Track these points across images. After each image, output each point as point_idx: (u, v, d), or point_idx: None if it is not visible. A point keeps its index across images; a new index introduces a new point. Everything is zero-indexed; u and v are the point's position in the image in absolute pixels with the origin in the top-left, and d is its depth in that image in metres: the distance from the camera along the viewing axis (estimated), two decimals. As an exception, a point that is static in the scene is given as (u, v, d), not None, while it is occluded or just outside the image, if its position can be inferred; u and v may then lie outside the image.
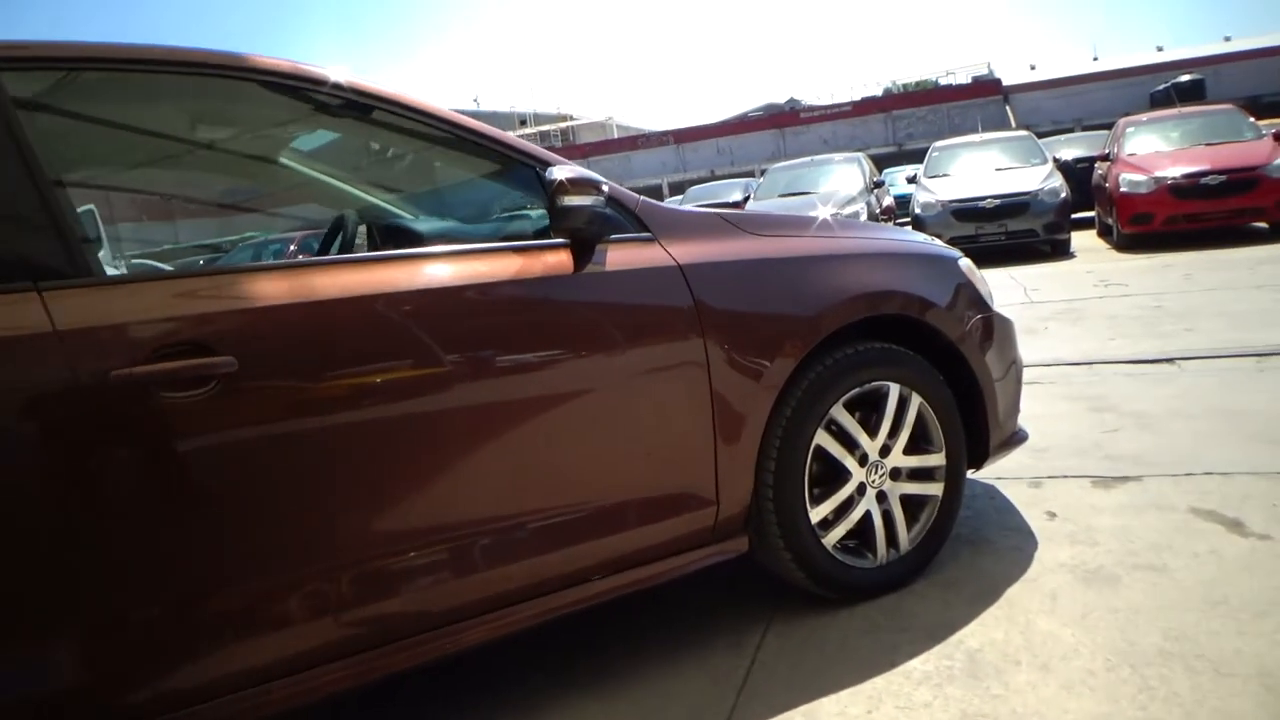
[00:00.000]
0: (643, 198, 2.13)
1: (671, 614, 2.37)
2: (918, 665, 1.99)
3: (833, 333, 2.21)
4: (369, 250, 2.52)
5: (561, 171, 1.85)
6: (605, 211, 1.93)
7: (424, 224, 2.54)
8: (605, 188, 1.93)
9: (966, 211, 10.48)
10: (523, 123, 56.16)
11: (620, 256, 1.99)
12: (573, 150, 46.21)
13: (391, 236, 2.53)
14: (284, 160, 2.47)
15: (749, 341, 2.08)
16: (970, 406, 2.48)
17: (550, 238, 1.94)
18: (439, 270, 1.81)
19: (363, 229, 2.65)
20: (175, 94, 2.02)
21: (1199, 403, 3.73)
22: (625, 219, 2.07)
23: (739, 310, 2.10)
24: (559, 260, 1.92)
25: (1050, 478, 3.07)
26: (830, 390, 2.20)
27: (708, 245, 2.14)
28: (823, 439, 2.21)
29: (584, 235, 1.92)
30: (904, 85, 47.29)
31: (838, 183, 12.15)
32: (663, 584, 2.04)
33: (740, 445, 2.08)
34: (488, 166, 2.18)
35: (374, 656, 1.71)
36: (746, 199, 13.93)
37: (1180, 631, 1.98)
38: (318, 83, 1.83)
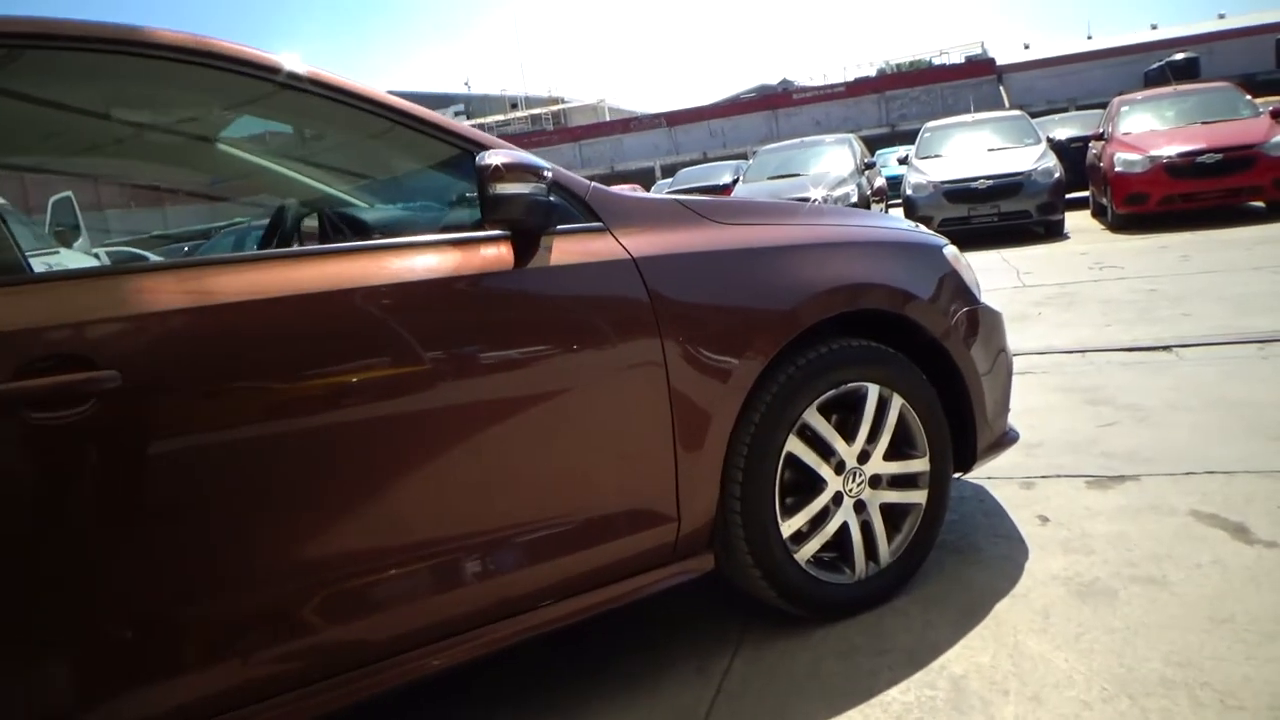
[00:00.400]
0: (594, 184, 1.94)
1: (634, 636, 2.20)
2: (897, 695, 1.82)
3: (806, 329, 2.03)
4: (304, 243, 2.33)
5: (495, 156, 1.66)
6: (548, 200, 1.73)
7: (362, 215, 2.34)
8: (547, 174, 1.73)
9: (959, 193, 10.27)
10: (514, 106, 55.74)
11: (567, 249, 1.80)
12: (565, 133, 45.91)
13: (330, 228, 2.34)
14: (202, 145, 2.28)
15: (712, 341, 1.90)
16: (956, 406, 2.31)
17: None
18: (358, 268, 1.61)
19: (303, 221, 2.46)
20: (75, 72, 1.82)
21: (1198, 394, 3.55)
22: (574, 208, 1.87)
23: (700, 307, 1.92)
24: (498, 255, 1.73)
25: (1043, 477, 2.90)
26: (803, 392, 2.02)
27: (666, 235, 1.95)
28: (795, 446, 2.03)
29: (524, 226, 1.73)
30: (898, 65, 46.95)
31: (828, 164, 11.93)
32: (621, 607, 1.87)
33: (703, 454, 1.90)
34: (423, 152, 1.98)
35: (301, 696, 1.54)
36: (736, 181, 13.71)
37: (1183, 655, 1.81)
38: (222, 58, 1.63)
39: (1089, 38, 46.91)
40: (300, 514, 1.52)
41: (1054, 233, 10.22)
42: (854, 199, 10.75)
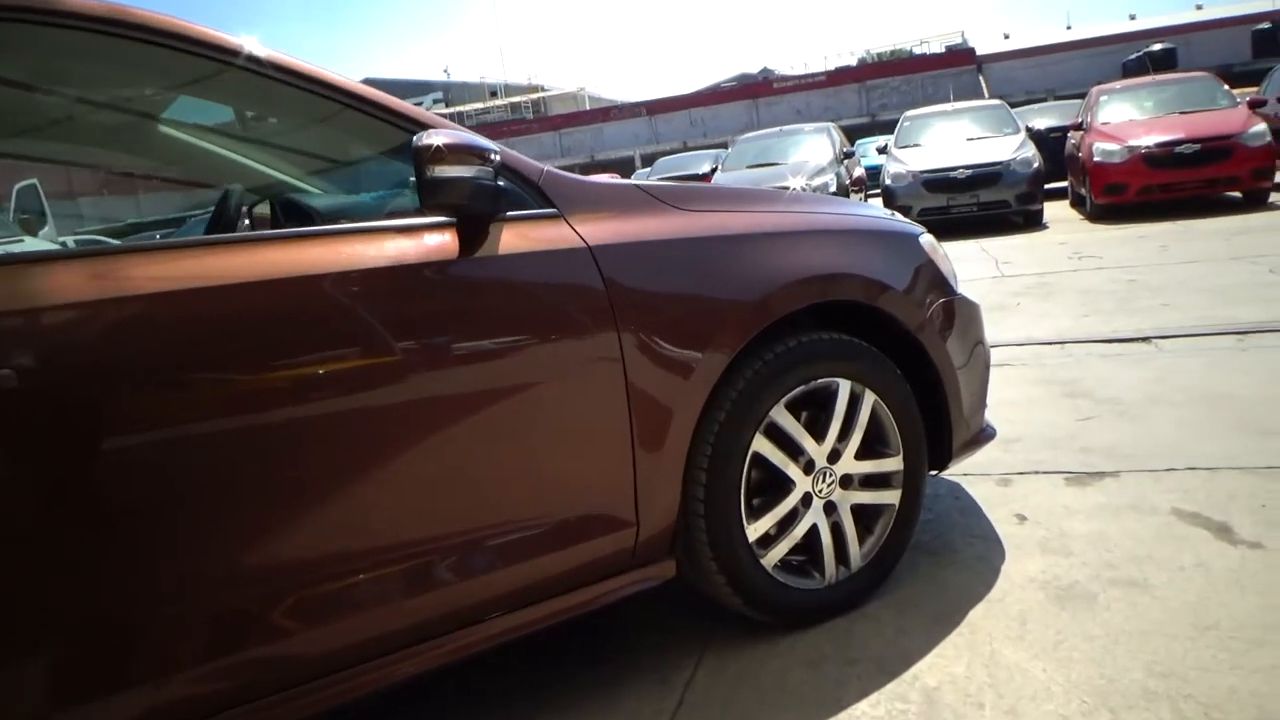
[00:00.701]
0: (548, 168, 1.82)
1: (591, 646, 2.09)
2: (866, 709, 1.72)
3: (773, 322, 1.92)
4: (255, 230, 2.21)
5: (436, 136, 1.54)
6: (495, 184, 1.61)
7: (308, 202, 2.21)
8: (494, 156, 1.61)
9: (938, 182, 10.21)
10: (493, 94, 55.30)
11: (517, 237, 1.68)
12: (544, 122, 45.62)
13: (275, 215, 2.22)
14: (143, 128, 2.14)
15: (673, 335, 1.79)
16: (931, 402, 2.21)
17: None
18: (288, 257, 1.48)
19: (243, 209, 2.33)
20: None
21: (1179, 387, 3.48)
22: (526, 193, 1.76)
23: (661, 298, 1.81)
24: (441, 243, 1.61)
25: (1020, 474, 2.81)
26: (771, 389, 1.92)
27: (625, 223, 1.84)
28: (762, 445, 1.93)
29: (470, 212, 1.61)
30: (878, 55, 46.93)
31: (807, 153, 11.84)
32: (577, 617, 1.76)
33: (664, 454, 1.79)
34: (363, 133, 1.85)
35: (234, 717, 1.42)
36: (715, 170, 13.59)
37: (1166, 665, 1.73)
38: (129, 26, 1.49)
39: (1068, 28, 47.13)
40: (218, 522, 1.40)
41: (1033, 222, 10.18)
42: (833, 188, 10.68)
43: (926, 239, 2.37)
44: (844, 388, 2.02)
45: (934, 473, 2.34)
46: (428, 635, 1.57)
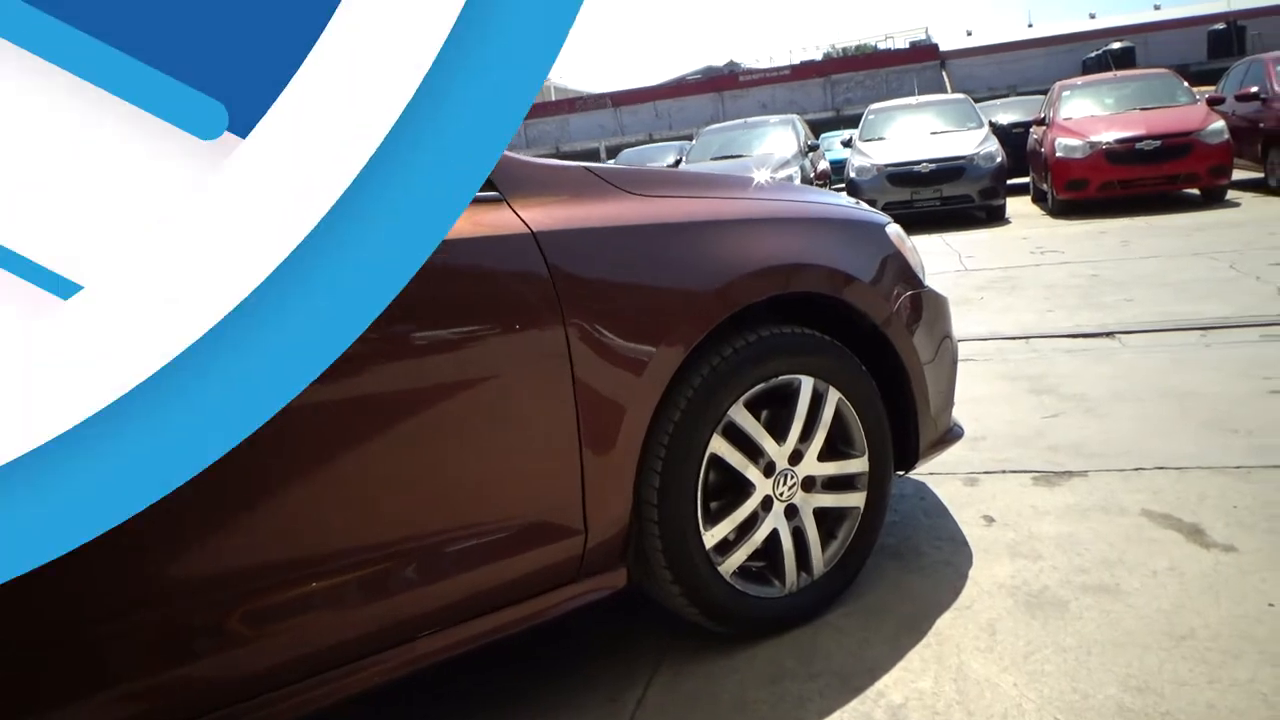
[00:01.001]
0: (489, 147, 1.68)
1: (536, 660, 1.96)
2: (828, 729, 1.62)
3: (732, 315, 1.80)
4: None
5: (360, 108, 1.39)
6: (429, 162, 1.47)
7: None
8: (427, 131, 1.47)
9: (902, 176, 10.18)
10: (457, 83, 54.58)
11: (456, 221, 1.54)
12: (508, 112, 45.10)
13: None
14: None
15: (625, 327, 1.66)
16: (897, 400, 2.11)
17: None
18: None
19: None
20: None
21: (1144, 383, 3.43)
22: (464, 173, 1.62)
23: (611, 288, 1.68)
24: (369, 226, 1.47)
25: (987, 473, 2.73)
26: (728, 386, 1.80)
27: (572, 208, 1.71)
28: (719, 446, 1.81)
29: (400, 193, 1.47)
30: (843, 50, 47.15)
31: (772, 145, 11.74)
32: (519, 633, 1.63)
33: (614, 456, 1.67)
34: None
35: None
36: (678, 162, 13.47)
37: (1142, 679, 1.64)
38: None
39: (1029, 25, 47.71)
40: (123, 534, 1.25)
41: (995, 217, 10.19)
42: (797, 181, 10.59)
43: (893, 229, 2.27)
44: (806, 385, 1.91)
45: (900, 473, 2.25)
46: (351, 656, 1.43)
